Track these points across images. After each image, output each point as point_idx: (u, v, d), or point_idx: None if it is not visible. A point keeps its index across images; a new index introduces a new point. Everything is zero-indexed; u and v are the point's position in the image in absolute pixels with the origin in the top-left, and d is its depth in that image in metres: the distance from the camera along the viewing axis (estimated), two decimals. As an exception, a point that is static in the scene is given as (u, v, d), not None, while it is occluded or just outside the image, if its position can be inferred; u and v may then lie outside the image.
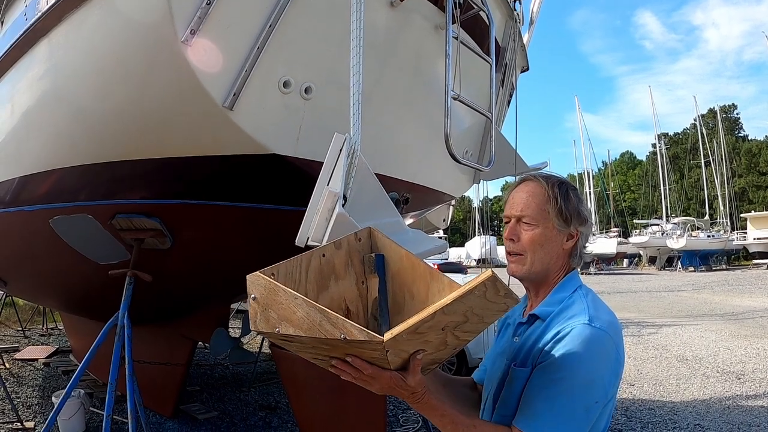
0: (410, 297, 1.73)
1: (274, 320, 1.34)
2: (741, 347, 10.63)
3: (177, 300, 5.18)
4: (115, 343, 3.71)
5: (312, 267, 1.59)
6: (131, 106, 2.92)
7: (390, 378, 1.34)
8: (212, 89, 2.57)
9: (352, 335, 1.23)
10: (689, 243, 40.45)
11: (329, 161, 2.41)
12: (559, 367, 1.50)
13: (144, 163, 3.22)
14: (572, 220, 1.67)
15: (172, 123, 2.90)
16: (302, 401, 4.56)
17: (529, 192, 1.69)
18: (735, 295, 20.97)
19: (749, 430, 5.97)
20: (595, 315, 1.57)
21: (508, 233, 1.69)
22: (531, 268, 1.68)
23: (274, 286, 1.34)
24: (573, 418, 1.51)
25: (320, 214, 2.29)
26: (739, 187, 62.45)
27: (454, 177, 4.98)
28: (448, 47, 2.93)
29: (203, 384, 7.91)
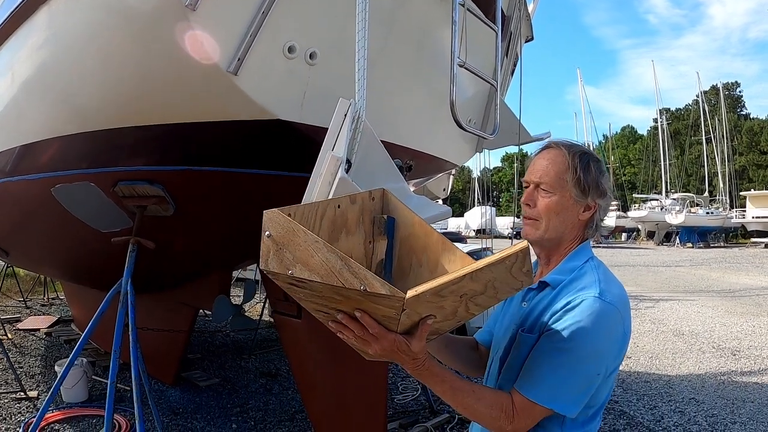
0: (417, 264, 1.73)
1: (288, 261, 1.29)
2: (737, 324, 10.73)
3: (179, 267, 5.20)
4: (119, 310, 3.72)
5: (327, 216, 1.57)
6: (134, 72, 2.89)
7: (394, 341, 1.33)
8: (216, 54, 2.55)
9: (373, 287, 1.20)
10: (688, 219, 40.52)
11: (334, 126, 2.39)
12: (566, 337, 1.52)
13: (146, 129, 3.19)
14: (590, 192, 1.67)
15: (175, 88, 2.87)
16: (304, 368, 4.60)
17: (550, 159, 1.70)
18: (732, 273, 21.07)
19: (743, 406, 6.05)
20: (606, 288, 1.58)
21: (525, 198, 1.71)
22: (544, 234, 1.70)
23: (293, 226, 1.29)
24: (573, 387, 1.54)
25: (323, 179, 2.28)
26: (740, 165, 62.35)
27: (457, 145, 4.97)
28: (454, 13, 2.90)
29: (204, 351, 8.03)
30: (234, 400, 6.00)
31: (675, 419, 5.68)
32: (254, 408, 5.81)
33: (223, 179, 3.58)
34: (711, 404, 6.14)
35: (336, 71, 3.08)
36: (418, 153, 4.23)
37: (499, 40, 3.63)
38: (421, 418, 5.51)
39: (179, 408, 5.62)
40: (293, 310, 4.56)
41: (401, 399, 6.07)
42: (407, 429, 5.21)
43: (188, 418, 5.37)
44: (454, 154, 5.15)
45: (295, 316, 4.55)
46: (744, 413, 5.82)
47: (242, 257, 5.78)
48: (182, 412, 5.52)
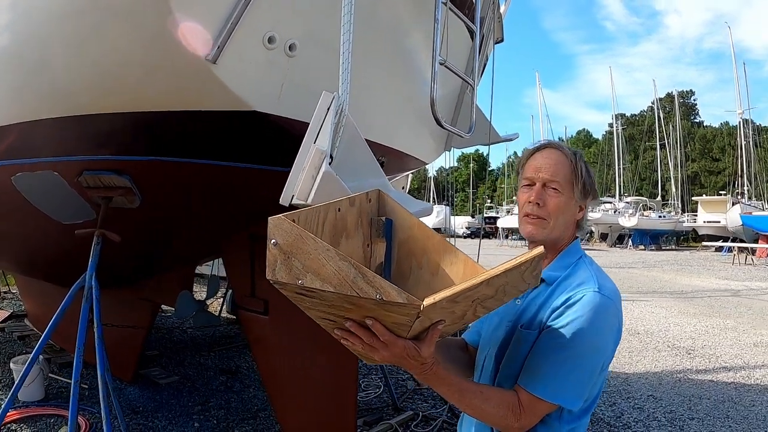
0: (417, 267, 1.71)
1: (297, 271, 1.24)
2: (690, 324, 11.02)
3: (141, 261, 5.07)
4: (83, 305, 3.58)
5: (328, 220, 1.52)
6: (106, 57, 2.77)
7: (404, 347, 1.31)
8: (195, 41, 2.48)
9: (390, 296, 1.16)
10: (641, 222, 41.47)
11: (316, 120, 2.35)
12: (569, 332, 1.54)
13: (115, 117, 3.07)
14: (589, 194, 1.74)
15: (149, 75, 2.77)
16: (270, 366, 4.53)
17: (557, 160, 1.71)
18: (684, 275, 21.64)
19: (700, 403, 6.21)
20: (603, 283, 1.62)
21: (535, 197, 1.69)
22: (551, 233, 1.71)
23: (301, 233, 1.24)
24: (578, 382, 1.56)
25: (306, 172, 2.24)
26: (692, 171, 64.31)
27: (427, 143, 4.98)
28: (437, 12, 2.88)
29: (161, 348, 7.87)
30: (195, 398, 5.88)
31: (635, 416, 5.79)
32: (216, 406, 5.71)
33: (194, 171, 3.48)
34: (669, 401, 6.29)
35: (314, 64, 3.04)
36: (389, 149, 4.21)
37: (477, 39, 3.64)
38: (384, 416, 5.50)
39: (139, 407, 5.47)
40: (259, 307, 4.49)
41: (364, 396, 6.04)
42: (371, 426, 5.18)
43: (149, 417, 5.24)
44: (424, 152, 5.16)
45: (261, 313, 4.49)
46: (701, 410, 5.98)
47: (208, 252, 5.68)
48: (142, 410, 5.38)
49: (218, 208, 3.88)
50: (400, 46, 3.68)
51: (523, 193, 1.74)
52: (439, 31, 2.89)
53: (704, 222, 42.34)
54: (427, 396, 6.15)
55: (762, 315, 12.17)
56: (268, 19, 2.67)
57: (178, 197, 3.73)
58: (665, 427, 5.47)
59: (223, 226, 4.28)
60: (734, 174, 48.89)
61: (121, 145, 3.39)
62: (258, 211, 4.10)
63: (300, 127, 3.09)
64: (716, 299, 14.70)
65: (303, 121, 3.09)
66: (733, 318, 11.77)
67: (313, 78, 3.06)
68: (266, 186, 3.59)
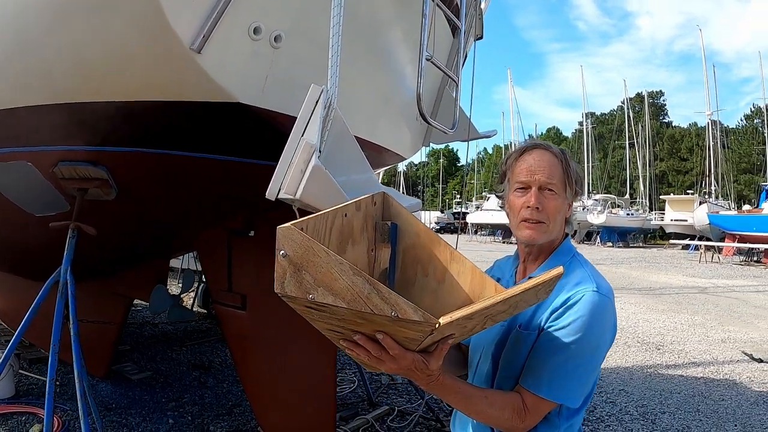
0: (423, 274, 1.69)
1: (308, 285, 1.18)
2: (659, 320, 11.22)
3: (116, 255, 4.96)
4: (57, 300, 3.47)
5: (335, 226, 1.47)
6: (86, 43, 2.68)
7: (413, 360, 1.30)
8: (180, 29, 2.41)
9: (406, 314, 1.13)
10: (609, 219, 42.11)
11: (305, 112, 2.31)
12: (570, 332, 1.54)
13: (94, 106, 2.99)
14: (579, 192, 1.75)
15: (131, 64, 2.70)
16: (248, 361, 4.48)
17: (549, 161, 1.70)
18: (652, 272, 22.03)
19: (671, 397, 6.33)
20: (599, 282, 1.62)
21: (534, 201, 1.66)
22: (550, 235, 1.71)
23: (313, 245, 1.18)
24: (580, 381, 1.58)
25: (295, 166, 2.19)
26: (660, 170, 65.54)
27: (406, 138, 4.98)
28: (425, 7, 2.84)
29: (133, 343, 7.75)
30: (168, 394, 5.80)
31: (607, 409, 5.88)
32: (190, 402, 5.63)
33: (173, 163, 3.41)
34: (640, 395, 6.39)
35: (298, 57, 2.99)
36: (369, 144, 4.18)
37: (462, 35, 3.63)
38: (360, 411, 5.49)
39: (112, 403, 5.37)
40: (237, 302, 4.43)
41: (339, 391, 6.01)
42: (347, 422, 5.17)
43: (122, 414, 5.14)
44: (403, 147, 5.15)
45: (239, 308, 4.43)
46: (672, 403, 6.09)
47: (185, 246, 5.59)
48: (115, 407, 5.28)
49: (197, 201, 3.81)
50: (381, 41, 3.65)
51: (518, 198, 1.70)
52: (427, 26, 2.87)
53: (671, 220, 43.12)
54: (401, 391, 6.16)
55: (729, 312, 12.45)
56: (255, 9, 2.62)
57: (156, 189, 3.66)
58: (638, 421, 5.55)
59: (201, 220, 4.21)
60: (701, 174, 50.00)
61: (99, 136, 3.30)
62: (237, 204, 4.07)
63: (282, 120, 3.05)
64: (684, 296, 15.00)
65: (286, 114, 3.06)
66: (701, 314, 12.02)
67: (296, 71, 3.01)
68: (247, 179, 3.55)
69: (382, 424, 5.19)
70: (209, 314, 9.39)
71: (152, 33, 2.46)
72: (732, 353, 8.56)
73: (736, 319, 11.56)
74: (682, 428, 5.36)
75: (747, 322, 11.17)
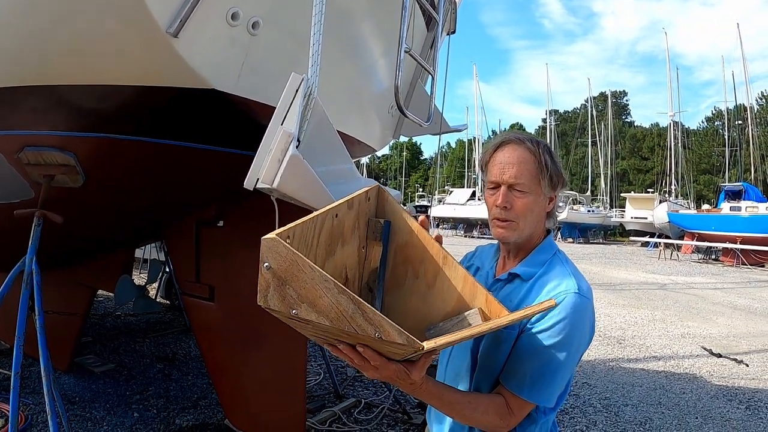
0: (414, 276, 1.67)
1: (291, 300, 1.15)
2: (620, 315, 11.45)
3: (81, 244, 4.84)
4: (22, 291, 3.36)
5: (325, 229, 1.44)
6: (58, 23, 2.59)
7: (395, 370, 1.31)
8: (157, 12, 2.35)
9: (390, 336, 1.12)
10: (570, 216, 42.74)
11: (284, 101, 2.27)
12: (552, 334, 1.55)
13: (63, 89, 2.89)
14: (558, 185, 1.71)
15: (103, 46, 2.61)
16: (215, 353, 4.43)
17: (519, 158, 1.67)
18: (612, 268, 22.44)
19: (633, 390, 6.47)
20: (580, 284, 1.63)
21: (502, 201, 1.66)
22: (521, 234, 1.70)
23: (298, 260, 1.14)
24: (562, 381, 1.61)
25: (272, 155, 2.16)
26: (621, 168, 66.83)
27: (377, 130, 4.96)
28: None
29: (95, 335, 7.60)
30: (133, 387, 5.70)
31: (571, 402, 5.97)
32: (155, 395, 5.54)
33: (144, 150, 3.32)
34: (603, 388, 6.51)
35: (275, 44, 2.95)
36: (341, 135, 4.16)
37: (440, 28, 3.63)
38: (327, 403, 5.48)
39: (75, 396, 5.25)
40: (204, 293, 4.37)
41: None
42: (314, 414, 5.15)
43: (86, 407, 5.03)
44: (374, 139, 5.14)
45: (206, 299, 4.37)
46: (634, 396, 6.22)
47: (153, 235, 5.49)
48: (79, 401, 5.16)
49: (168, 190, 3.74)
50: (354, 32, 3.63)
51: (490, 196, 1.70)
52: (407, 18, 2.85)
53: (632, 218, 44.01)
54: (368, 383, 6.16)
55: (688, 307, 12.77)
56: (233, -6, 2.57)
57: (126, 177, 3.57)
58: (601, 413, 5.66)
59: (172, 209, 4.13)
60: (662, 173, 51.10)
61: (67, 120, 3.20)
62: (210, 194, 4.00)
63: (257, 109, 3.01)
64: (644, 292, 15.33)
65: (261, 102, 3.02)
66: (661, 310, 12.30)
67: (272, 59, 2.97)
68: (220, 168, 3.49)
69: (349, 417, 5.19)
70: (172, 305, 9.27)
71: (128, 15, 2.39)
72: (692, 348, 8.79)
73: (695, 315, 11.86)
74: (644, 420, 5.48)
75: (706, 318, 11.47)
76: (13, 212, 3.52)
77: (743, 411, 5.87)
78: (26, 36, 2.73)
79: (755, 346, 9.05)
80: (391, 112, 4.95)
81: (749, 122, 45.60)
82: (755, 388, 6.76)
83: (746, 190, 31.82)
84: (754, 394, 6.49)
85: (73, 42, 2.64)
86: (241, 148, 3.23)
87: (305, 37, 2.35)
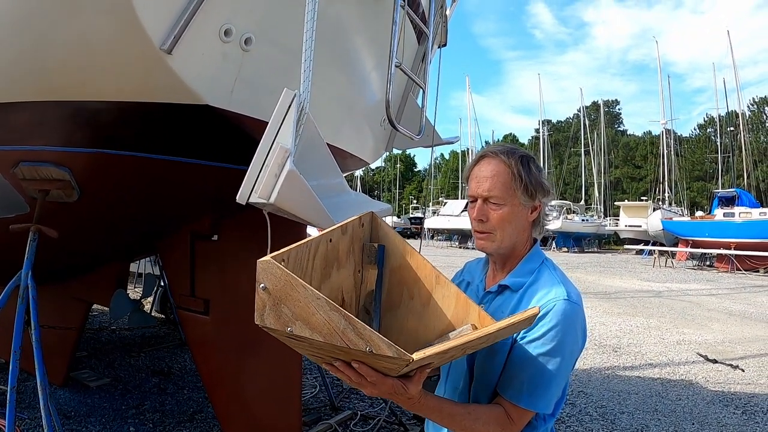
0: (409, 297, 1.71)
1: (286, 318, 1.22)
2: (615, 323, 11.47)
3: (76, 259, 4.85)
4: (18, 306, 3.37)
5: (319, 253, 1.50)
6: (52, 40, 2.62)
7: (392, 385, 1.34)
8: (151, 29, 2.39)
9: (380, 349, 1.17)
10: (564, 225, 42.85)
11: (277, 116, 2.30)
12: (546, 342, 1.58)
13: (58, 105, 2.93)
14: (537, 194, 1.72)
15: (98, 62, 2.65)
16: (211, 366, 4.43)
17: (493, 171, 1.70)
18: (607, 276, 22.51)
19: (629, 398, 6.48)
20: (569, 290, 1.65)
21: (477, 214, 1.71)
22: (501, 244, 1.73)
23: (291, 280, 1.21)
24: (558, 387, 1.63)
25: (270, 171, 2.18)
26: (615, 177, 67.18)
27: (370, 143, 5.00)
28: (395, 14, 2.87)
29: (90, 349, 7.57)
30: (128, 401, 5.68)
31: (567, 410, 5.98)
32: (150, 409, 5.53)
33: (138, 165, 3.35)
34: (599, 396, 6.53)
35: (268, 60, 2.99)
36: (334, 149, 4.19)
37: (430, 42, 3.67)
38: (323, 416, 5.47)
39: (71, 411, 5.23)
40: (200, 307, 4.38)
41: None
42: (310, 427, 5.14)
43: (81, 422, 5.01)
44: (367, 152, 5.18)
45: (201, 313, 4.38)
46: (630, 404, 6.24)
47: (147, 249, 5.50)
48: (74, 415, 5.15)
49: (162, 204, 3.76)
50: (346, 47, 3.67)
51: (471, 209, 1.75)
52: (397, 33, 2.89)
53: (626, 226, 44.17)
54: (364, 396, 6.15)
55: (683, 315, 12.81)
56: (226, 10, 2.61)
57: (120, 192, 3.59)
58: (597, 422, 5.67)
59: (165, 223, 4.15)
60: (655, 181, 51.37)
61: (62, 136, 3.23)
62: (203, 208, 4.03)
63: (250, 123, 3.04)
64: (639, 300, 15.37)
65: (253, 117, 3.05)
66: (656, 317, 12.34)
67: (265, 74, 3.01)
68: (214, 183, 3.52)
69: (345, 429, 5.19)
70: (167, 319, 9.25)
71: (122, 32, 2.42)
72: (687, 354, 8.82)
73: (690, 321, 11.91)
74: (640, 428, 5.50)
75: (701, 325, 11.52)
76: (9, 227, 3.53)
77: (739, 416, 5.90)
78: (21, 51, 2.75)
79: (751, 352, 9.09)
80: (384, 125, 4.98)
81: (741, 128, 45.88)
82: (751, 393, 6.79)
83: (739, 196, 32.02)
84: (750, 399, 6.52)
85: (67, 58, 2.67)
86: (234, 162, 3.26)
87: (297, 52, 2.39)
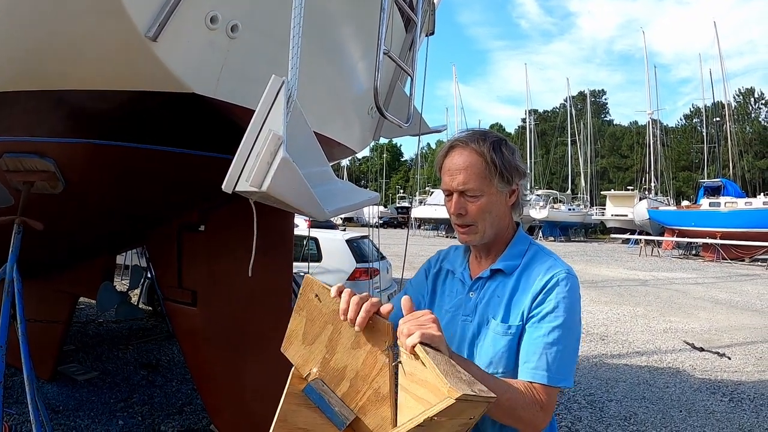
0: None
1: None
2: (602, 312, 11.57)
3: (62, 252, 4.80)
4: (3, 299, 3.32)
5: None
6: (34, 27, 2.56)
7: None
8: (136, 16, 2.34)
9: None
10: (551, 214, 43.08)
11: (265, 103, 2.26)
12: (559, 314, 1.57)
13: (40, 94, 2.87)
14: (513, 178, 1.70)
15: (82, 51, 2.59)
16: (199, 359, 4.40)
17: (465, 162, 1.67)
18: (593, 265, 22.67)
19: (617, 385, 6.54)
20: (564, 264, 1.67)
21: (455, 209, 1.68)
22: (484, 235, 1.72)
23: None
24: (576, 357, 1.64)
25: (261, 158, 2.14)
26: (601, 166, 67.57)
27: (357, 132, 4.97)
28: (383, 1, 2.83)
29: (77, 343, 7.55)
30: (117, 395, 5.66)
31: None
32: (139, 402, 5.51)
33: (123, 155, 3.30)
34: (587, 384, 6.58)
35: (254, 48, 2.95)
36: (322, 137, 4.16)
37: (418, 29, 3.65)
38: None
39: (59, 405, 5.21)
40: (187, 298, 4.35)
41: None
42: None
43: (70, 416, 4.99)
44: (354, 141, 5.15)
45: (189, 304, 4.35)
46: (618, 392, 6.30)
47: (134, 241, 5.44)
48: (63, 410, 5.12)
49: (149, 195, 3.72)
50: (332, 34, 3.64)
51: (447, 202, 1.72)
52: (385, 20, 2.86)
53: (612, 215, 44.43)
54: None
55: (669, 303, 12.93)
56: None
57: (106, 183, 3.54)
58: (586, 409, 5.71)
59: (152, 214, 4.11)
60: (641, 170, 51.68)
61: (46, 126, 3.17)
62: (191, 198, 3.99)
63: (237, 112, 3.01)
64: (626, 288, 15.49)
65: (240, 105, 3.01)
66: (643, 306, 12.45)
67: (252, 62, 2.97)
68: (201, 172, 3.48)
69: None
70: (155, 311, 9.21)
71: (106, 19, 2.37)
72: (674, 343, 8.91)
73: (676, 310, 12.02)
74: (628, 415, 5.55)
75: (688, 313, 11.63)
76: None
77: (726, 403, 5.96)
78: (2, 40, 2.70)
79: (737, 340, 9.19)
80: (371, 113, 4.95)
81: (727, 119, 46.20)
82: (738, 380, 6.87)
83: (725, 186, 32.28)
84: (736, 386, 6.60)
85: (50, 46, 2.62)
86: (222, 151, 3.22)
87: (284, 39, 2.35)
